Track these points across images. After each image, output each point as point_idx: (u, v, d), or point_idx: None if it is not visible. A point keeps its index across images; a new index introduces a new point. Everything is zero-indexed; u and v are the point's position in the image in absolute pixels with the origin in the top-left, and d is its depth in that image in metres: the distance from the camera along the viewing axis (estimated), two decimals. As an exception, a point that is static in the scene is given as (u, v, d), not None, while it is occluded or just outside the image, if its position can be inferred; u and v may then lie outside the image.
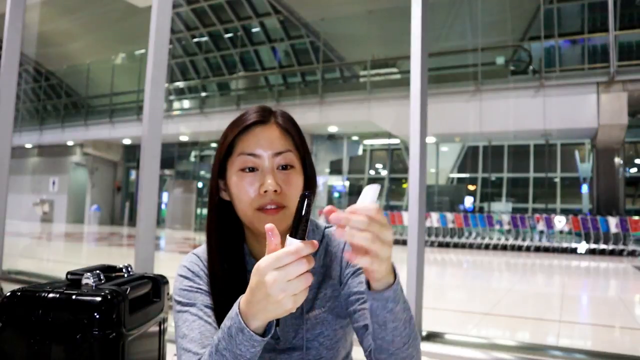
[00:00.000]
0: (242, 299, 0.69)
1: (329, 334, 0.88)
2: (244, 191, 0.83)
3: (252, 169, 0.84)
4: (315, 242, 0.64)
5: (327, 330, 0.88)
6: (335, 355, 0.90)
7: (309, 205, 0.65)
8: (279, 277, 0.62)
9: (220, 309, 0.85)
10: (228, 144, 0.85)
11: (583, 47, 13.03)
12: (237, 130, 0.85)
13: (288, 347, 0.88)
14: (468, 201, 14.85)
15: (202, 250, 0.93)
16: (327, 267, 0.91)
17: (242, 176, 0.83)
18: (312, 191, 0.70)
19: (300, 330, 0.87)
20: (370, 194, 0.66)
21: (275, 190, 0.82)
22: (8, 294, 0.96)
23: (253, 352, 0.69)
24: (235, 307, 0.71)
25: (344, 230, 0.62)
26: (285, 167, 0.84)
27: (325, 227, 0.96)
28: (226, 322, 0.71)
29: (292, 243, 0.64)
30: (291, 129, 0.88)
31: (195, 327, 0.82)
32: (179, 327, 0.84)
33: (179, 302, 0.86)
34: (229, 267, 0.88)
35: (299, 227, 0.65)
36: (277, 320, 0.73)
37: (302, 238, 0.64)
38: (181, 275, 0.89)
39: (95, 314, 0.89)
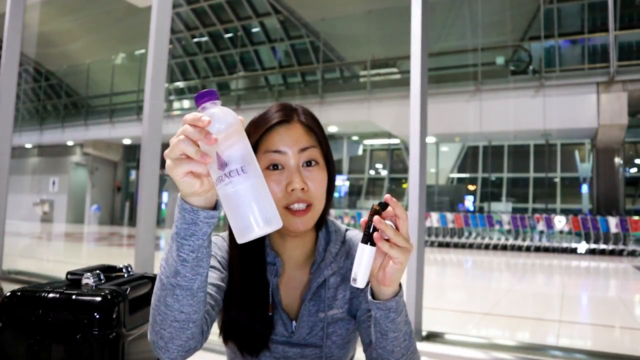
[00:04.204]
0: None
1: (342, 334, 0.91)
2: (271, 190, 0.83)
3: (278, 167, 0.84)
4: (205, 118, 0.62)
5: (340, 330, 0.91)
6: (345, 355, 0.93)
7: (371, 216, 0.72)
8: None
9: (234, 290, 0.87)
10: (253, 143, 0.86)
11: (583, 47, 13.02)
12: (262, 131, 0.85)
13: (301, 343, 0.89)
14: (468, 201, 14.85)
15: (226, 235, 0.94)
16: (347, 270, 0.93)
17: (268, 174, 0.83)
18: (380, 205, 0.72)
19: (315, 327, 0.89)
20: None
21: (303, 189, 0.83)
22: (8, 294, 0.96)
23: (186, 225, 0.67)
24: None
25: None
26: (310, 164, 0.85)
27: (346, 230, 0.97)
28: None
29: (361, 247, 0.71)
30: (314, 126, 0.88)
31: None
32: None
33: None
34: (248, 257, 0.88)
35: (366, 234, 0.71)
36: (296, 316, 0.87)
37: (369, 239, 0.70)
38: None
39: (95, 314, 0.89)
